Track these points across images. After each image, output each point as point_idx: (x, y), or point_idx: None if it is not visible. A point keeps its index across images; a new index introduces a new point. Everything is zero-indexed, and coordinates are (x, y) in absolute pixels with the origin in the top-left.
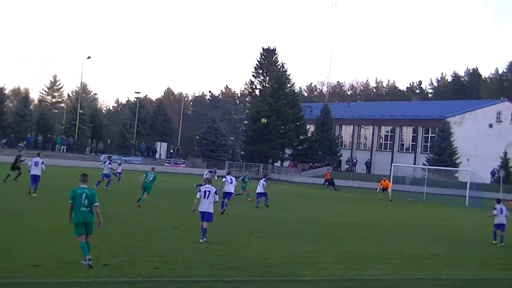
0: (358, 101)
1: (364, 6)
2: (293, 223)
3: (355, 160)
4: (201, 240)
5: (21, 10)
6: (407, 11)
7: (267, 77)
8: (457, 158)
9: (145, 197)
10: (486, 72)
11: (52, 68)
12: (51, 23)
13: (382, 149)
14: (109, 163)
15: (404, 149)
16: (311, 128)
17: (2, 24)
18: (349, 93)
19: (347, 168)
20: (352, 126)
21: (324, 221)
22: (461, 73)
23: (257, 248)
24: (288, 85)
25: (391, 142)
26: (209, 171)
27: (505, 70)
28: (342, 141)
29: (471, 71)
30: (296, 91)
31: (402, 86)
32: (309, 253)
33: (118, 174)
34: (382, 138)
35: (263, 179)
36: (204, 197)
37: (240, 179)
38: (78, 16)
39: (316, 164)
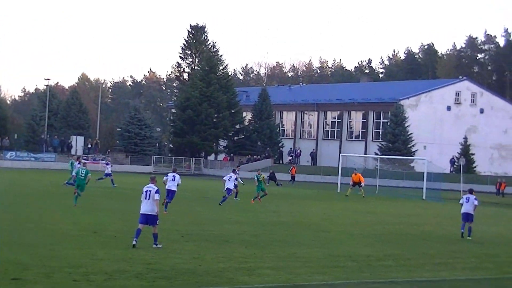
0: (301, 84)
1: None
2: (230, 224)
3: (298, 151)
4: (154, 246)
5: None
6: None
7: (196, 59)
8: (413, 145)
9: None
10: (442, 48)
11: None
12: None
13: (329, 138)
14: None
15: (354, 137)
16: (248, 115)
17: None
18: (290, 75)
19: (289, 160)
20: (294, 113)
21: (265, 221)
22: (415, 49)
23: (189, 253)
24: (221, 68)
25: (339, 130)
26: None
27: (463, 46)
28: (284, 130)
29: (426, 47)
30: (230, 74)
31: (350, 66)
32: (248, 257)
33: (108, 176)
34: (328, 125)
35: (234, 174)
36: (146, 198)
37: (255, 179)
38: None
39: (255, 156)
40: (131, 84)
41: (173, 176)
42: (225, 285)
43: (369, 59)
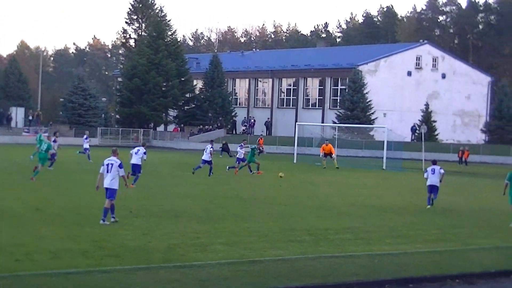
0: (254, 49)
1: None
2: (181, 198)
3: (252, 120)
4: (112, 220)
5: None
6: None
7: (143, 24)
8: (372, 113)
9: (40, 169)
10: (402, 10)
11: None
12: None
13: (284, 106)
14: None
15: (310, 105)
16: (199, 84)
17: None
18: (242, 41)
19: (243, 130)
20: (247, 80)
21: (217, 195)
22: (374, 12)
23: (139, 230)
24: (169, 33)
25: (295, 97)
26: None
27: (424, 8)
28: (237, 98)
29: (385, 10)
30: (179, 40)
31: (305, 30)
32: (200, 233)
33: (86, 151)
34: (283, 93)
35: (210, 145)
36: (107, 171)
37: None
38: None
39: (206, 127)
40: (74, 51)
41: (137, 149)
42: (176, 262)
43: (326, 23)
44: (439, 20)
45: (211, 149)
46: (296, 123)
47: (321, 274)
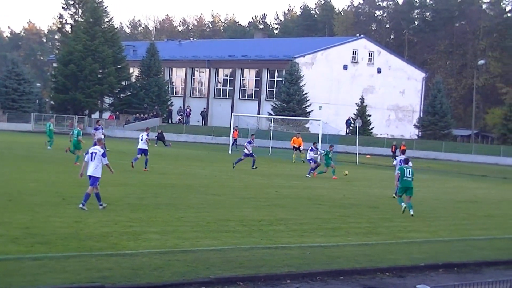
0: (191, 39)
1: None
2: (114, 186)
3: (188, 110)
4: (100, 207)
5: None
6: None
7: (79, 10)
8: (308, 106)
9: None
10: (340, 4)
11: None
12: None
13: (221, 96)
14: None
15: (247, 96)
16: (135, 71)
17: None
18: (180, 30)
19: (179, 119)
20: (184, 69)
21: (152, 183)
22: (312, 5)
23: (71, 217)
24: (106, 20)
25: (231, 88)
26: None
27: (361, 2)
28: (173, 87)
29: (322, 3)
30: (116, 27)
31: (243, 21)
32: (133, 221)
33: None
34: (220, 83)
35: (146, 133)
36: (91, 160)
37: (322, 155)
38: None
39: (142, 115)
40: (9, 35)
41: (141, 136)
42: (108, 250)
43: (264, 14)
44: (376, 15)
45: (147, 136)
46: (232, 113)
47: (254, 265)
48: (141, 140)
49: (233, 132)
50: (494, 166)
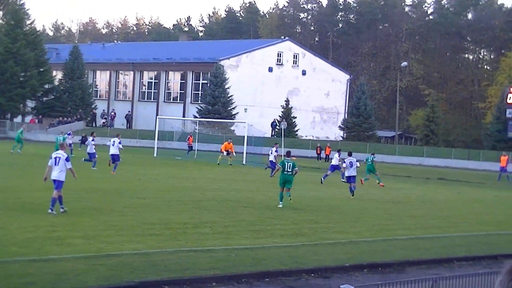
0: (116, 41)
1: None
2: (40, 191)
3: (113, 113)
4: (61, 210)
5: None
6: None
7: (0, 12)
8: (233, 108)
9: None
10: (264, 7)
11: None
12: None
13: (146, 99)
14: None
15: (172, 99)
16: (58, 74)
17: None
18: (104, 32)
19: (103, 122)
20: (108, 72)
21: (76, 187)
22: (236, 8)
23: None
24: (28, 22)
25: (156, 91)
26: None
27: (286, 5)
28: (97, 91)
29: (247, 5)
30: (38, 29)
31: (168, 23)
32: (57, 226)
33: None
34: (145, 86)
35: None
36: (55, 164)
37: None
38: None
39: (66, 118)
40: None
41: (113, 141)
42: (31, 256)
43: (188, 16)
44: (300, 17)
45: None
46: (157, 116)
47: (179, 268)
48: (113, 145)
49: (188, 138)
50: (417, 166)
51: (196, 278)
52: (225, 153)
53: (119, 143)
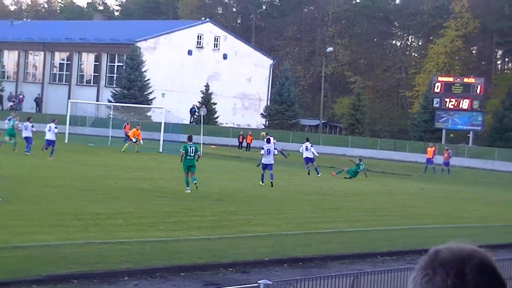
0: (25, 19)
1: None
2: None
3: (21, 96)
4: None
5: None
6: None
7: None
8: (150, 93)
9: None
10: None
11: None
12: None
13: (57, 82)
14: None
15: (85, 82)
16: None
17: None
18: (12, 9)
19: (11, 106)
20: (17, 52)
21: None
22: None
23: None
24: None
25: (68, 73)
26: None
27: None
28: (5, 72)
29: None
30: None
31: (82, 1)
32: None
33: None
34: (56, 67)
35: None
36: None
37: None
38: None
39: None
40: None
41: (49, 127)
42: None
43: None
44: None
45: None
46: (69, 100)
47: (90, 262)
48: (49, 131)
49: (125, 126)
50: (342, 157)
51: (108, 272)
52: (133, 139)
53: (55, 127)
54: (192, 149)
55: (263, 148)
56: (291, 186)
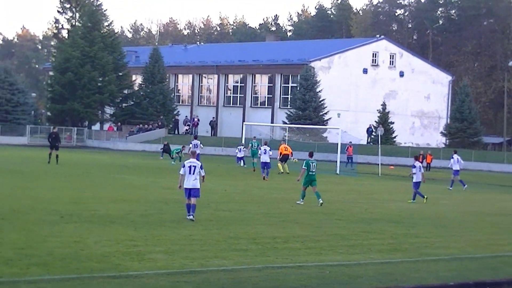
0: (198, 43)
1: None
2: (116, 203)
3: (196, 120)
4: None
5: None
6: None
7: (76, 14)
8: (325, 113)
9: None
10: (357, 3)
11: None
12: None
13: (231, 105)
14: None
15: (259, 104)
16: (138, 79)
17: None
18: (186, 33)
19: (186, 130)
20: (191, 76)
21: (156, 199)
22: (327, 5)
23: (70, 237)
24: (106, 24)
25: (242, 95)
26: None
27: (381, 1)
28: (179, 96)
29: (339, 2)
30: (116, 31)
31: (254, 23)
32: (138, 240)
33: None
34: (230, 90)
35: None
36: (190, 173)
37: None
38: None
39: (146, 126)
40: (1, 42)
41: (264, 149)
42: (110, 272)
43: (276, 15)
44: (396, 14)
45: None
46: (244, 123)
47: (267, 286)
48: (264, 153)
49: (347, 148)
50: None
51: None
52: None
53: (269, 150)
54: (314, 165)
55: (414, 166)
56: (473, 207)
